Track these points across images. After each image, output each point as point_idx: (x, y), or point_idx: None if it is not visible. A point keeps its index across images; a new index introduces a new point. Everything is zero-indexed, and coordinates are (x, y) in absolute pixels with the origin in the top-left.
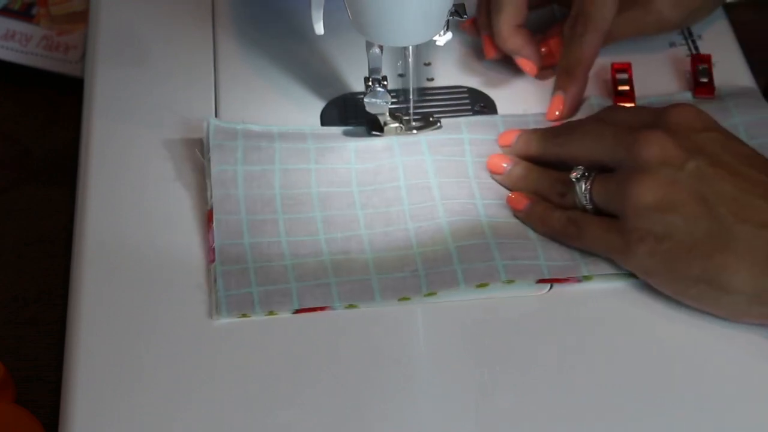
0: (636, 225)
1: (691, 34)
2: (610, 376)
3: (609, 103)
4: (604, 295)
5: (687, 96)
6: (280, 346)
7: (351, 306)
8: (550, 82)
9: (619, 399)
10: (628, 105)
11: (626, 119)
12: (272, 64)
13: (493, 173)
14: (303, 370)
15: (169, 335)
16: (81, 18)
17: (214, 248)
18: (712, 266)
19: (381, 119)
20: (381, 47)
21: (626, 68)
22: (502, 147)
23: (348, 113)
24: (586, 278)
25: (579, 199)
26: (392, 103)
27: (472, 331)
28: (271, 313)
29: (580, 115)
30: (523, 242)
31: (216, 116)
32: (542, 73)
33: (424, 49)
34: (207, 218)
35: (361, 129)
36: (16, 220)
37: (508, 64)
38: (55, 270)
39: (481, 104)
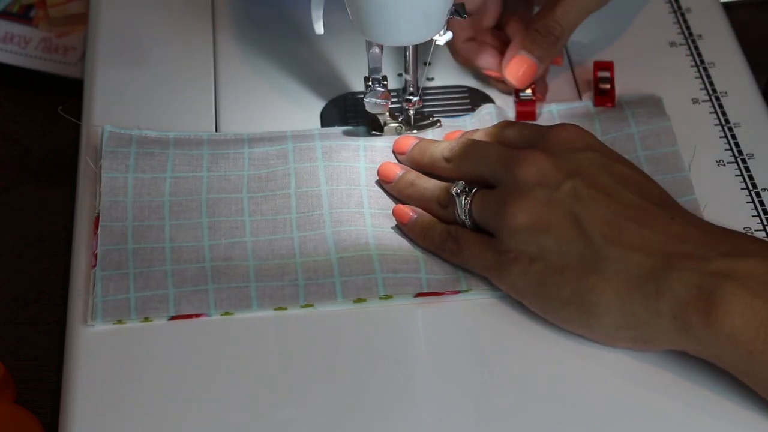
0: (510, 245)
1: (691, 33)
2: (610, 376)
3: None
4: None
5: (588, 105)
6: (281, 344)
7: (226, 313)
8: (550, 83)
9: (619, 399)
10: (519, 122)
11: (512, 137)
12: (272, 64)
13: (384, 181)
14: (303, 370)
15: (170, 335)
16: (79, 20)
17: (96, 254)
18: (581, 288)
19: (381, 119)
20: (381, 47)
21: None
22: (396, 153)
23: (348, 113)
24: (466, 291)
25: (459, 214)
26: (392, 102)
27: (472, 331)
28: (146, 319)
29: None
30: (405, 254)
31: (216, 117)
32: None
33: (424, 49)
34: (93, 225)
35: (361, 129)
36: (16, 220)
37: None
38: (55, 270)
39: (480, 104)
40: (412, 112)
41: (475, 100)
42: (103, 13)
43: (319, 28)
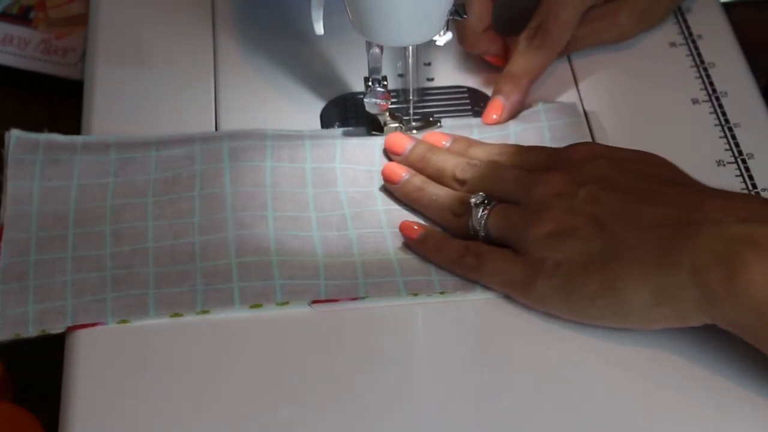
0: (537, 254)
1: (691, 33)
2: (609, 376)
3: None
4: None
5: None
6: (281, 345)
7: (123, 321)
8: (547, 85)
9: (619, 398)
10: (531, 147)
11: (525, 162)
12: (272, 64)
13: (388, 182)
14: (304, 369)
15: (170, 336)
16: (79, 21)
17: None
18: (606, 279)
19: (381, 119)
20: (381, 47)
21: None
22: (390, 153)
23: (348, 113)
24: (364, 298)
25: (474, 223)
26: (392, 103)
27: (472, 331)
28: (43, 332)
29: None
30: (305, 259)
31: (216, 117)
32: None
33: (424, 49)
34: None
35: (361, 129)
36: None
37: None
38: None
39: (481, 104)
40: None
41: (475, 100)
42: (103, 14)
43: (319, 29)
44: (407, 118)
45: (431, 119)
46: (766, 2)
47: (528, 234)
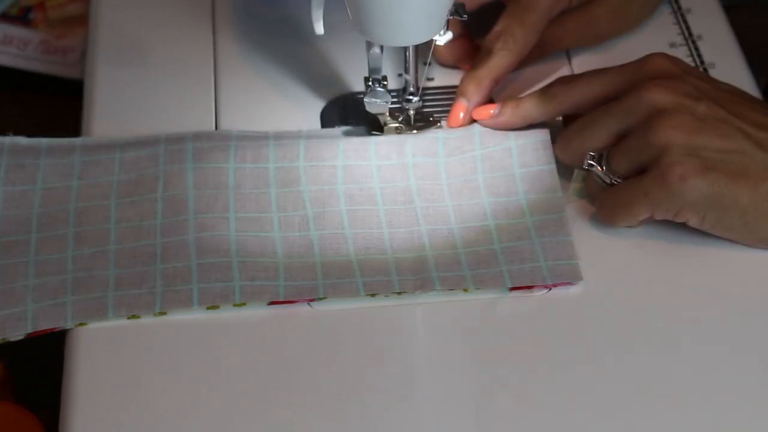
0: (674, 161)
1: (691, 34)
2: (609, 376)
3: None
4: (603, 296)
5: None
6: (281, 344)
7: (81, 324)
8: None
9: (618, 398)
10: (604, 69)
11: (610, 84)
12: (272, 64)
13: (485, 122)
14: (303, 369)
15: (170, 335)
16: (78, 21)
17: None
18: (760, 195)
19: (381, 119)
20: (381, 47)
21: None
22: (479, 119)
23: (348, 113)
24: (321, 299)
25: (602, 180)
26: (392, 102)
27: (472, 331)
28: (3, 340)
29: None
30: (266, 261)
31: (216, 117)
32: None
33: (424, 49)
34: None
35: (361, 129)
36: None
37: None
38: None
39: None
40: (412, 112)
41: None
42: (103, 14)
43: (319, 28)
44: (408, 116)
45: (431, 119)
46: (766, 4)
47: (660, 143)
